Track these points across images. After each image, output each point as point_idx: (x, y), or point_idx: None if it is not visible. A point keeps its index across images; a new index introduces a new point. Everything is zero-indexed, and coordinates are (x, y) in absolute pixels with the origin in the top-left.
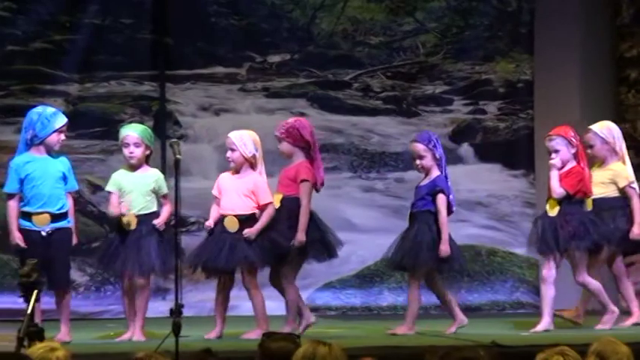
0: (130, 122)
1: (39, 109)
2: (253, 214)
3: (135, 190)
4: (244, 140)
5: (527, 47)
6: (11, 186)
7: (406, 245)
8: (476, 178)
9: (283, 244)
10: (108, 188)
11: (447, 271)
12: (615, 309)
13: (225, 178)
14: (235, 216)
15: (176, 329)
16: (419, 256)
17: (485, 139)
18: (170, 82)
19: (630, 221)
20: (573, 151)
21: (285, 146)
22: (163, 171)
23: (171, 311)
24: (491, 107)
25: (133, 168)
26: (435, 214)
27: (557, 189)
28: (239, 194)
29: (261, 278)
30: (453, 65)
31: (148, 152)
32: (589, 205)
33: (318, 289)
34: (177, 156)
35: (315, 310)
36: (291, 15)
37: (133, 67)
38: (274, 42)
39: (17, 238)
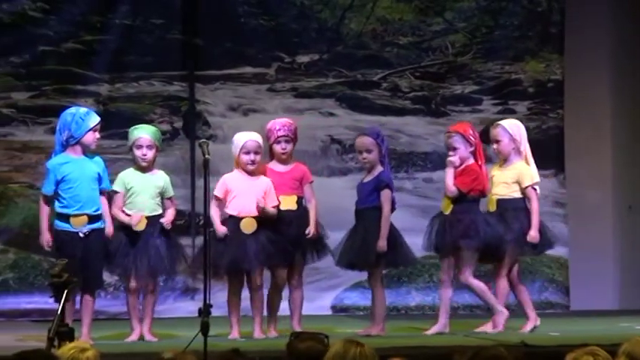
0: (146, 123)
1: (72, 109)
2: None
3: (144, 192)
4: (263, 143)
5: (557, 47)
6: (49, 187)
7: (356, 244)
8: None
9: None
10: (115, 187)
11: (390, 266)
12: (504, 310)
13: (237, 179)
14: (254, 217)
15: (204, 329)
16: (370, 255)
17: None
18: (199, 82)
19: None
20: (471, 149)
21: (290, 148)
22: (192, 171)
23: (200, 311)
24: (521, 107)
25: (143, 169)
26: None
27: (451, 187)
28: (256, 196)
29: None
30: (482, 65)
31: (157, 154)
32: (492, 206)
33: (346, 289)
34: (207, 156)
35: (344, 310)
36: (320, 15)
37: (163, 67)
38: (303, 42)
39: (45, 240)
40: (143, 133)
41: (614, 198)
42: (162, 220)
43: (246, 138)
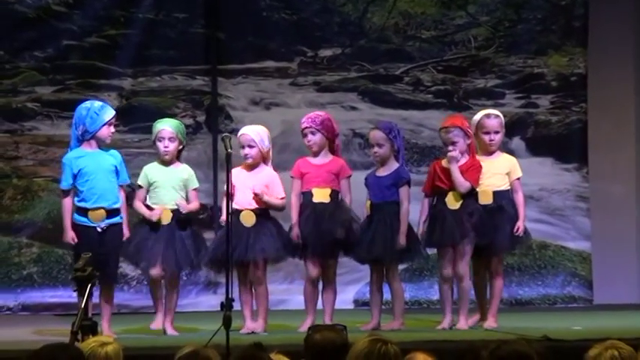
0: (170, 116)
1: (87, 103)
2: (267, 208)
3: (167, 185)
4: (262, 136)
5: (580, 40)
6: (66, 182)
7: (378, 239)
8: (527, 172)
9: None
10: (139, 181)
11: (406, 261)
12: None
13: (238, 173)
14: (252, 210)
15: (227, 323)
16: (392, 250)
17: (537, 132)
18: (222, 76)
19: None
20: (468, 142)
21: (320, 138)
22: (215, 165)
23: (222, 305)
24: (544, 101)
25: (166, 163)
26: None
27: (465, 182)
28: (255, 188)
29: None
30: (505, 59)
31: (180, 147)
32: (487, 198)
33: (367, 283)
34: (229, 150)
35: (366, 304)
36: (343, 9)
37: (186, 61)
38: (325, 36)
39: (70, 237)
40: (165, 126)
41: (638, 191)
42: (177, 202)
43: (240, 132)
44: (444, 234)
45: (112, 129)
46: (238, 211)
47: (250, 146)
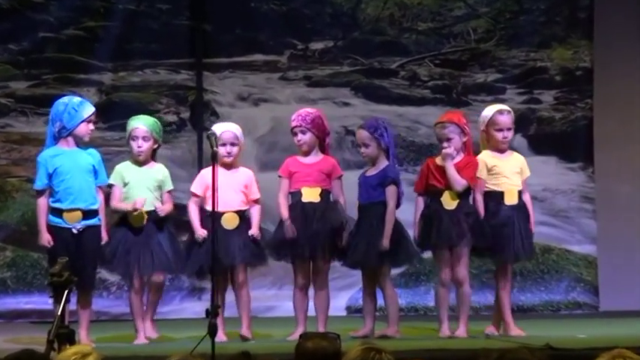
0: (142, 114)
1: (64, 99)
2: (247, 209)
3: (141, 186)
4: (241, 133)
5: (585, 33)
6: (40, 182)
7: (362, 243)
8: (530, 172)
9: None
10: (111, 181)
11: (394, 265)
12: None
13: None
14: (235, 212)
15: (212, 331)
16: (375, 254)
17: (540, 130)
18: (207, 70)
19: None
20: (465, 139)
21: (310, 137)
22: (200, 164)
23: (207, 312)
24: (547, 96)
25: (140, 163)
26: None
27: (461, 180)
28: (236, 190)
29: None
30: (506, 52)
31: (155, 146)
32: (512, 198)
33: (360, 289)
34: (215, 148)
35: (359, 311)
36: (335, 0)
37: (169, 55)
38: (317, 28)
39: (46, 239)
40: (139, 124)
41: None
42: (156, 206)
43: (221, 129)
44: (440, 236)
45: (91, 126)
46: (219, 214)
47: (233, 144)
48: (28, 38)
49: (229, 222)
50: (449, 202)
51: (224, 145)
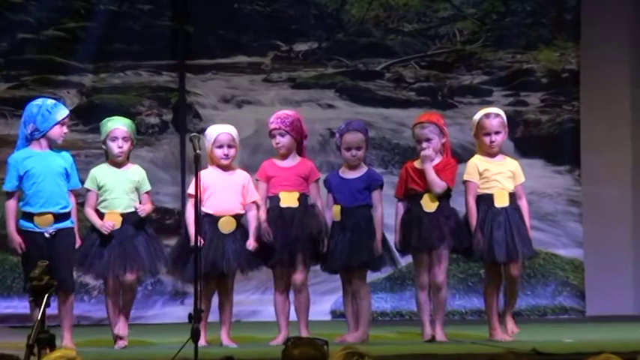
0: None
1: (38, 101)
2: (244, 213)
3: (118, 188)
4: (237, 134)
5: (572, 34)
6: (10, 184)
7: (357, 244)
8: None
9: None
10: (87, 185)
11: (379, 268)
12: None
13: (212, 175)
14: (233, 216)
15: (195, 336)
16: (363, 256)
17: (527, 132)
18: (190, 72)
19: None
20: (443, 141)
21: (289, 140)
22: (182, 167)
23: (190, 317)
24: (534, 99)
25: (117, 164)
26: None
27: (440, 182)
28: (234, 192)
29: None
30: (492, 54)
31: (131, 147)
32: (504, 200)
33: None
34: (198, 151)
35: (342, 315)
36: (320, 0)
37: (151, 56)
38: (301, 29)
39: (16, 242)
40: (119, 125)
41: (634, 196)
42: (135, 205)
43: (218, 131)
44: (420, 239)
45: (65, 129)
46: (215, 217)
47: (230, 146)
48: (6, 39)
49: (225, 226)
50: (429, 205)
51: (221, 146)
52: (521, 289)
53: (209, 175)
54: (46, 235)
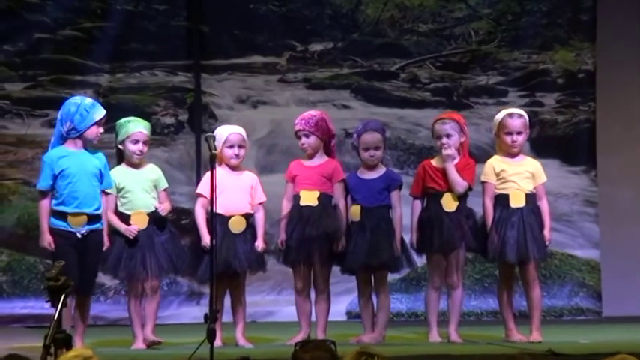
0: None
1: (77, 99)
2: (253, 213)
3: (138, 189)
4: (246, 135)
5: (588, 35)
6: (45, 182)
7: (377, 244)
8: None
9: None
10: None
11: (399, 269)
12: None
13: (222, 175)
14: (242, 216)
15: (211, 336)
16: (385, 256)
17: (543, 133)
18: (205, 72)
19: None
20: (462, 140)
21: (314, 141)
22: (198, 167)
23: (206, 317)
24: (549, 99)
25: (134, 165)
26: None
27: (462, 182)
28: (243, 192)
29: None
30: (507, 54)
31: None
32: (519, 201)
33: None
34: (213, 151)
35: (358, 316)
36: (335, 1)
37: (167, 56)
38: (316, 30)
39: (47, 241)
40: (141, 128)
41: None
42: (155, 205)
43: (228, 131)
44: (442, 238)
45: (101, 129)
46: (226, 218)
47: (241, 146)
48: (23, 39)
49: (236, 225)
50: (450, 205)
51: (231, 147)
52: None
53: (218, 175)
54: (79, 235)
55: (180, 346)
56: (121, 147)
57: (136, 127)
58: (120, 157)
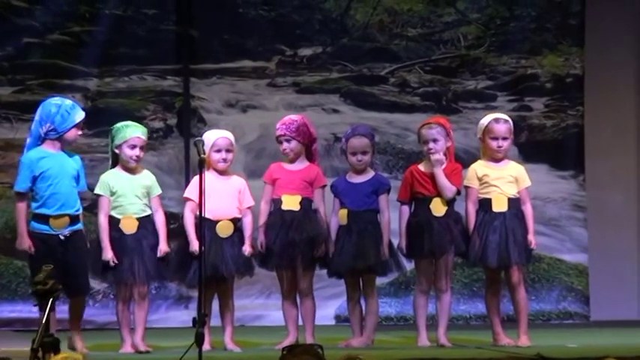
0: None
1: (56, 100)
2: (241, 218)
3: (131, 193)
4: (234, 139)
5: (577, 39)
6: (23, 184)
7: (364, 247)
8: None
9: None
10: (98, 191)
11: (385, 272)
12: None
13: (209, 180)
14: (230, 220)
15: (199, 340)
16: (371, 260)
17: (531, 137)
18: (195, 76)
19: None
20: (449, 144)
21: (296, 145)
22: (187, 171)
23: (194, 321)
24: (538, 104)
25: (129, 170)
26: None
27: (451, 187)
28: (231, 196)
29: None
30: (496, 59)
31: None
32: (502, 205)
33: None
34: (202, 155)
35: (347, 320)
36: (324, 5)
37: (156, 60)
38: (305, 34)
39: (27, 244)
40: (138, 133)
41: (639, 201)
42: (162, 248)
43: (216, 136)
44: (433, 243)
45: (80, 131)
46: (213, 222)
47: (228, 150)
48: (12, 43)
49: (224, 230)
50: (439, 209)
51: (219, 151)
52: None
53: (206, 179)
54: (61, 237)
55: (169, 351)
56: (116, 151)
57: (133, 132)
58: (114, 161)
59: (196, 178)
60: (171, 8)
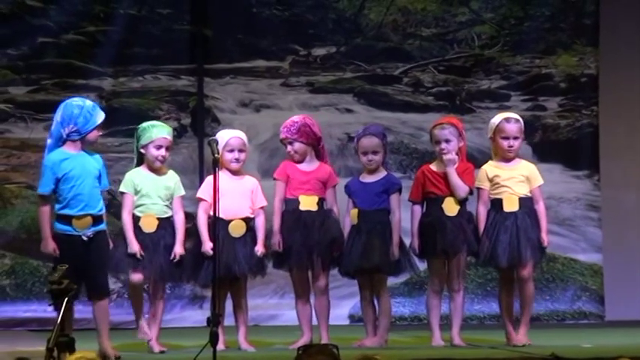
0: (158, 121)
1: (78, 101)
2: (253, 217)
3: (154, 194)
4: (246, 139)
5: (591, 39)
6: (47, 187)
7: (373, 247)
8: None
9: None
10: (122, 189)
11: (397, 272)
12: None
13: (222, 179)
14: (242, 219)
15: (213, 339)
16: (383, 260)
17: (545, 137)
18: (209, 76)
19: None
20: (461, 144)
21: (300, 147)
22: (201, 171)
23: (209, 321)
24: (552, 103)
25: (156, 170)
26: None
27: (464, 186)
28: (244, 196)
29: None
30: (510, 58)
31: None
32: (513, 205)
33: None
34: (216, 155)
35: (361, 320)
36: (338, 5)
37: (170, 60)
38: (319, 34)
39: (51, 247)
40: (164, 134)
41: None
42: (178, 251)
43: (229, 135)
44: (446, 243)
45: (100, 132)
46: (226, 222)
47: (241, 150)
48: (27, 43)
49: (236, 229)
50: (452, 209)
51: (232, 151)
52: (538, 295)
53: (219, 178)
54: (84, 237)
55: (183, 350)
56: (142, 150)
57: (160, 132)
58: (139, 161)
59: (209, 178)
60: (185, 8)
